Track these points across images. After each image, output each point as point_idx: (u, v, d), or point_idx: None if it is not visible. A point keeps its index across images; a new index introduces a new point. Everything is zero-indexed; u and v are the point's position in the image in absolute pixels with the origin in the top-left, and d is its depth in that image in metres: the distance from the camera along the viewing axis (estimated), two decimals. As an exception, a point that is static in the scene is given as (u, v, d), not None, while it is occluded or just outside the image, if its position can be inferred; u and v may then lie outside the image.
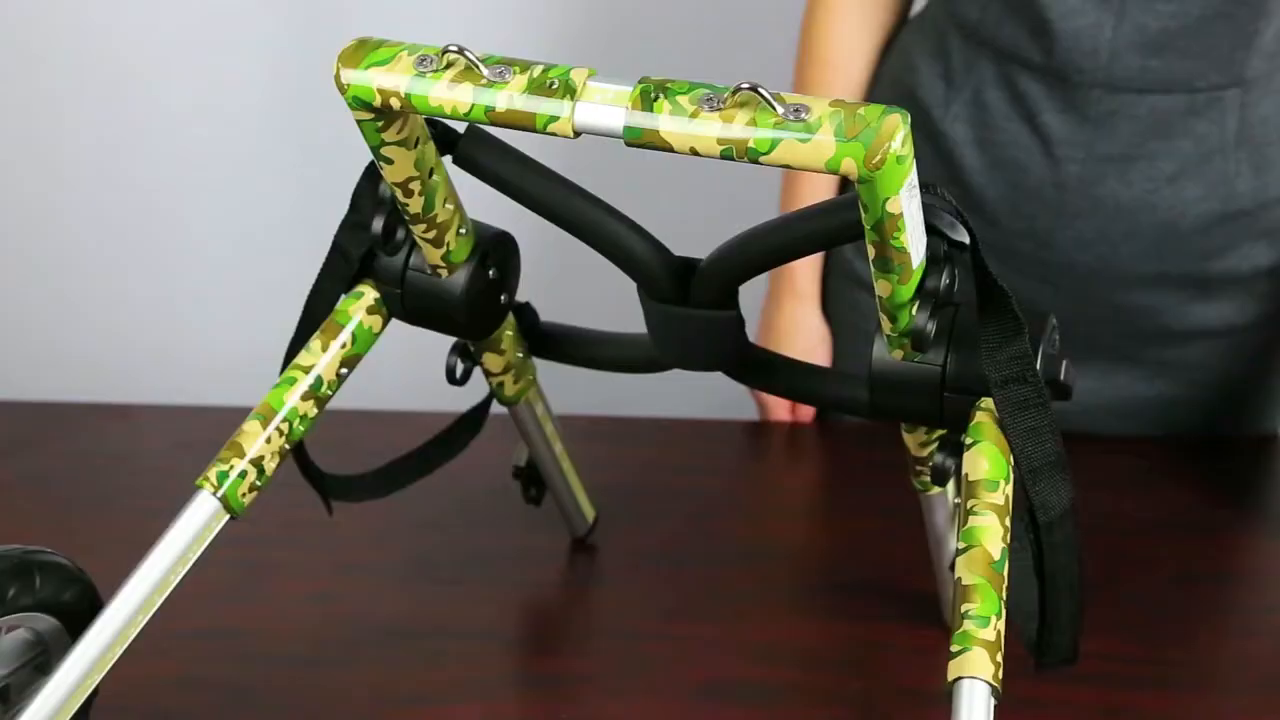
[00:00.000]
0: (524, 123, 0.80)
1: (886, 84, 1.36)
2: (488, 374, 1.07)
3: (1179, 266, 1.27)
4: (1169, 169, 1.23)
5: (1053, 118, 1.25)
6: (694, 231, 1.06)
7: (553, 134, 0.80)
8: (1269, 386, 1.36)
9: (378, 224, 0.95)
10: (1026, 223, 1.28)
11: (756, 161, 0.77)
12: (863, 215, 0.79)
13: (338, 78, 0.83)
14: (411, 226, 0.94)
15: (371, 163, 0.92)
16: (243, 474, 0.92)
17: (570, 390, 1.28)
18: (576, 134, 0.79)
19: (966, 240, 0.84)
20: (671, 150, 0.78)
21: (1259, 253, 1.27)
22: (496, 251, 0.99)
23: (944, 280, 0.86)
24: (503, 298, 1.01)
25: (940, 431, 0.95)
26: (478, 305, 0.98)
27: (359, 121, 0.85)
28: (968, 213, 0.96)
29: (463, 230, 0.96)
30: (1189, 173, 1.20)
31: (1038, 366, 0.86)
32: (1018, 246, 1.29)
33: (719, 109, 0.76)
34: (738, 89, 0.76)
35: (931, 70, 1.30)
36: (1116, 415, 1.35)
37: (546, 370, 1.10)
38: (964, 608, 0.80)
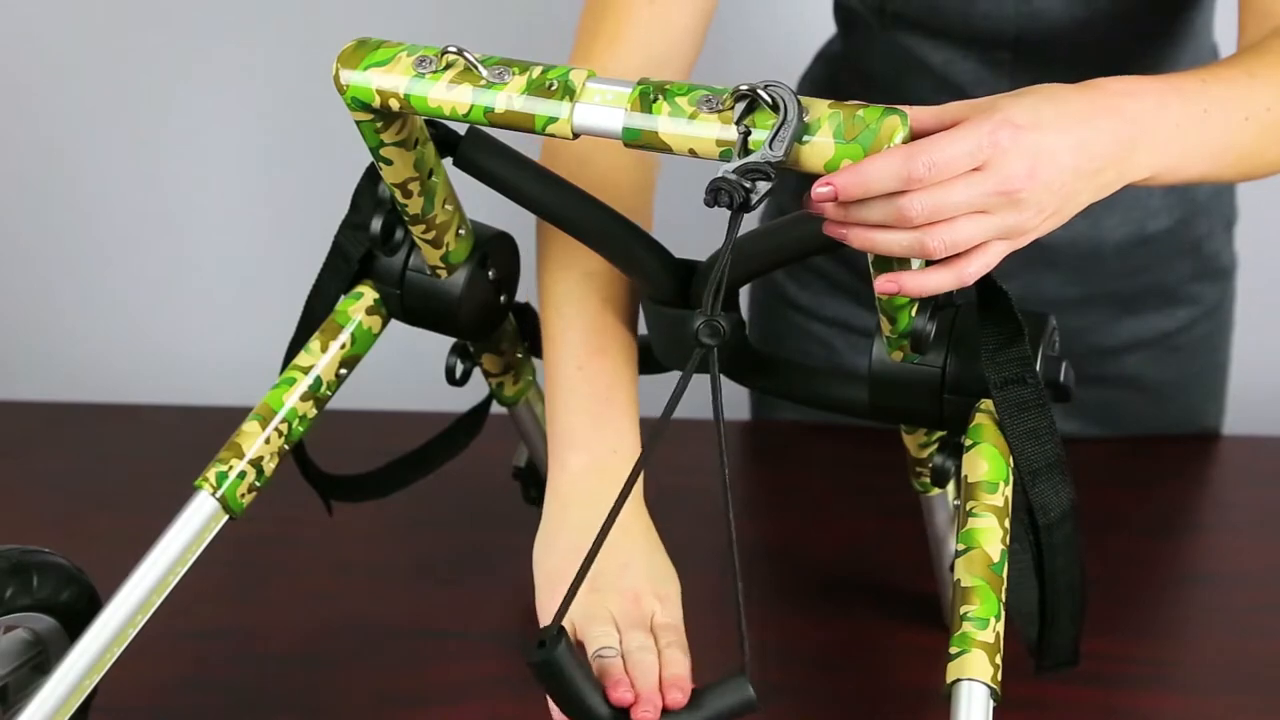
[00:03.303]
0: (523, 124, 0.80)
1: None
2: (487, 374, 1.07)
3: (1103, 287, 1.25)
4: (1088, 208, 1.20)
5: None
6: (694, 233, 1.06)
7: (552, 135, 0.80)
8: (1207, 385, 1.35)
9: (376, 225, 0.95)
10: None
11: (755, 163, 0.76)
12: (862, 216, 0.79)
13: (337, 78, 0.83)
14: (411, 227, 0.94)
15: (372, 164, 0.92)
16: (242, 474, 0.91)
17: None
18: (575, 135, 0.79)
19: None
20: (670, 151, 0.78)
21: (1182, 265, 1.26)
22: (496, 252, 0.99)
23: (943, 282, 0.85)
24: (502, 298, 1.01)
25: (940, 433, 0.95)
26: (477, 306, 0.98)
27: (358, 122, 0.85)
28: None
29: (462, 231, 0.95)
30: (1105, 203, 1.19)
31: (1037, 368, 0.86)
32: None
33: (718, 110, 0.76)
34: (737, 91, 0.76)
35: None
36: (1058, 413, 1.33)
37: (546, 370, 1.10)
38: (963, 609, 0.80)
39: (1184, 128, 0.83)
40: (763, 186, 0.74)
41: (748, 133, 0.75)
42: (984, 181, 0.75)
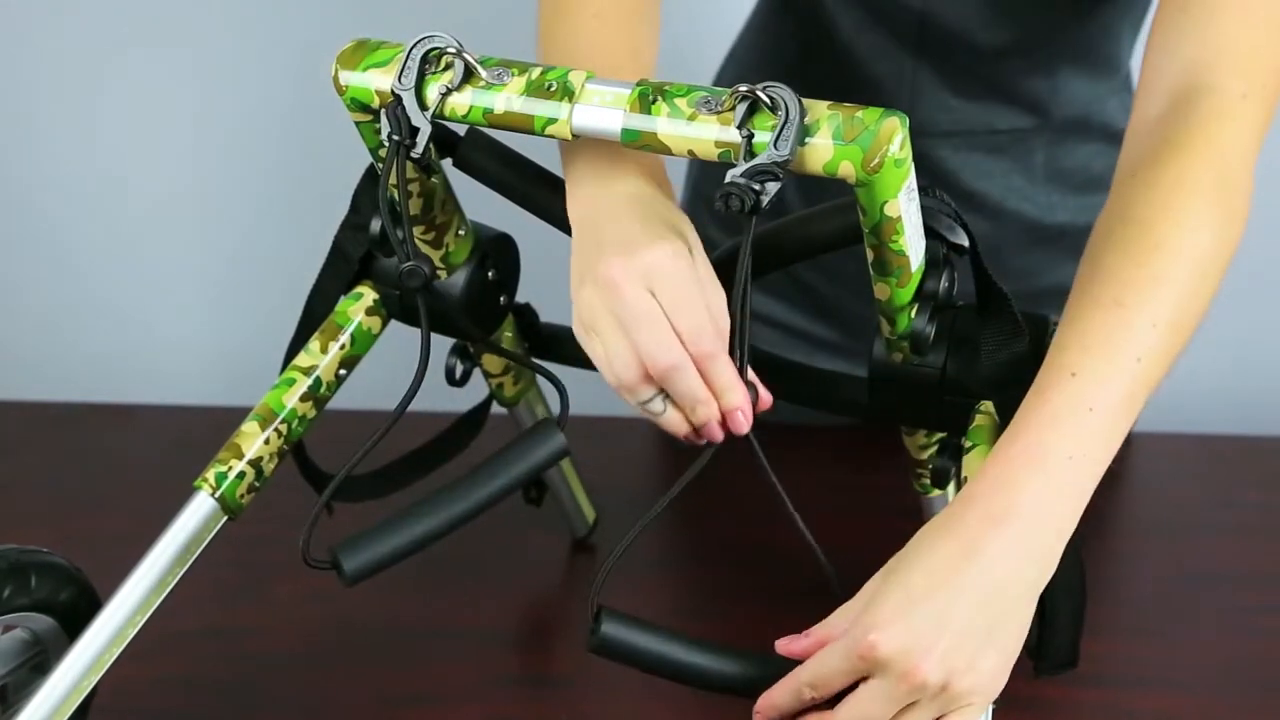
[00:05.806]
0: (522, 125, 0.80)
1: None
2: (487, 375, 1.07)
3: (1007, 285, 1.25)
4: (983, 207, 1.21)
5: None
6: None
7: (551, 136, 0.80)
8: None
9: (376, 225, 0.95)
10: (857, 263, 1.23)
11: (755, 164, 0.76)
12: (861, 218, 0.79)
13: (336, 79, 0.83)
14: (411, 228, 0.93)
15: (371, 164, 0.92)
16: (241, 475, 0.92)
17: (571, 390, 1.28)
18: (574, 136, 0.79)
19: (966, 243, 0.84)
20: (669, 153, 0.78)
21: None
22: (496, 252, 0.99)
23: (943, 283, 0.85)
24: (502, 299, 1.01)
25: (940, 434, 0.95)
26: (477, 306, 0.98)
27: (357, 123, 0.85)
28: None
29: (461, 231, 0.95)
30: (1004, 211, 1.17)
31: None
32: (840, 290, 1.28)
33: (717, 112, 0.76)
34: (736, 92, 0.76)
35: None
36: None
37: (546, 370, 1.09)
38: (962, 610, 0.80)
39: (1077, 458, 0.77)
40: (772, 187, 0.74)
41: (751, 136, 0.75)
42: (882, 684, 0.76)
